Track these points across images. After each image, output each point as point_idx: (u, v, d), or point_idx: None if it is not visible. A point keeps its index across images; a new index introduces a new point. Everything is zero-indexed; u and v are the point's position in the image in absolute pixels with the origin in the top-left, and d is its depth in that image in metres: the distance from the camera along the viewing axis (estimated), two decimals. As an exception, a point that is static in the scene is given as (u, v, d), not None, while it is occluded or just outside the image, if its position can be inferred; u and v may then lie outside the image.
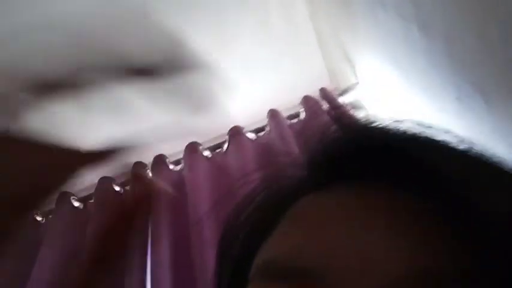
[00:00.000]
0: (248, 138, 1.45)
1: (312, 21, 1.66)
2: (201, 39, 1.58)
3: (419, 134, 0.35)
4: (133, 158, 1.44)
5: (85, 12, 1.47)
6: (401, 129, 0.36)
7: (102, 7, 1.48)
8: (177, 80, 1.55)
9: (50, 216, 1.43)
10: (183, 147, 1.45)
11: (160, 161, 1.43)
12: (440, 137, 0.35)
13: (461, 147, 0.34)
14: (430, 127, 0.36)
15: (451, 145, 0.34)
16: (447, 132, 0.35)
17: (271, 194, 0.42)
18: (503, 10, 0.66)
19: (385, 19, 1.06)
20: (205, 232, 1.16)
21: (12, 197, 0.66)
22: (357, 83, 1.49)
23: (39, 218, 1.44)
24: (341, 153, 0.37)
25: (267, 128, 1.47)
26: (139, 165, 1.42)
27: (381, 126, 0.37)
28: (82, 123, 1.63)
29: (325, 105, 1.44)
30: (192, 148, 1.43)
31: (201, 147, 1.45)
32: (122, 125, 1.63)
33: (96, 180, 1.43)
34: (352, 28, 1.35)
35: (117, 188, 1.45)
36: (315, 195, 0.37)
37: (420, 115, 1.10)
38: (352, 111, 1.38)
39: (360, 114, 1.40)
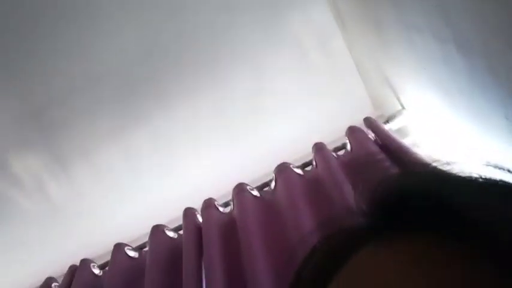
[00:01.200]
0: (295, 173, 1.44)
1: (349, 51, 1.66)
2: (240, 80, 1.61)
3: (481, 180, 0.34)
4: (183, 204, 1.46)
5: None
6: (460, 173, 0.35)
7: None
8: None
9: (107, 268, 1.45)
10: (230, 189, 1.45)
11: (209, 204, 1.43)
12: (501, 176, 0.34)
13: None
14: (496, 167, 0.35)
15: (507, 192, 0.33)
16: (501, 168, 0.35)
17: (330, 250, 0.42)
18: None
19: (421, 43, 1.04)
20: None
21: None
22: (402, 109, 1.46)
23: (96, 271, 1.47)
24: (400, 201, 0.36)
25: (314, 162, 1.46)
26: (189, 211, 1.43)
27: (438, 170, 0.37)
28: (131, 171, 1.68)
29: (371, 135, 1.42)
30: (240, 188, 1.44)
31: (248, 187, 1.45)
32: (169, 173, 1.68)
33: (147, 229, 1.46)
34: (390, 54, 1.34)
35: (170, 234, 1.46)
36: (375, 248, 0.36)
37: (468, 137, 1.06)
38: (399, 140, 1.34)
39: (407, 142, 1.37)
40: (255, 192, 1.46)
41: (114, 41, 1.49)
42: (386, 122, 1.47)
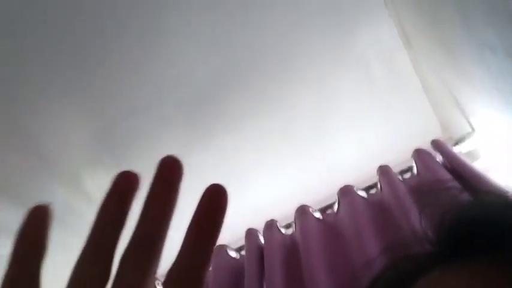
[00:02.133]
0: (359, 196, 1.42)
1: (415, 71, 1.62)
2: (306, 100, 1.61)
3: None
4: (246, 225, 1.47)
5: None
6: None
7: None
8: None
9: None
10: (293, 211, 1.44)
11: (271, 225, 1.43)
12: None
13: None
14: None
15: None
16: None
17: (396, 277, 0.42)
18: None
19: (495, 62, 1.00)
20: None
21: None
22: (472, 131, 1.41)
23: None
24: (468, 230, 0.37)
25: (379, 185, 1.42)
26: (251, 232, 1.43)
27: (505, 203, 0.38)
28: (195, 190, 1.70)
29: (439, 158, 1.37)
30: (303, 210, 1.43)
31: (311, 209, 1.43)
32: (234, 193, 1.68)
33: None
34: (460, 74, 1.30)
35: (232, 254, 1.47)
36: (441, 275, 0.36)
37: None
38: (469, 164, 1.29)
39: (477, 165, 1.31)
40: (318, 215, 1.44)
41: (182, 59, 1.52)
42: (456, 144, 1.42)
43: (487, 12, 0.91)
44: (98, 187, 1.64)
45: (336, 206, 1.44)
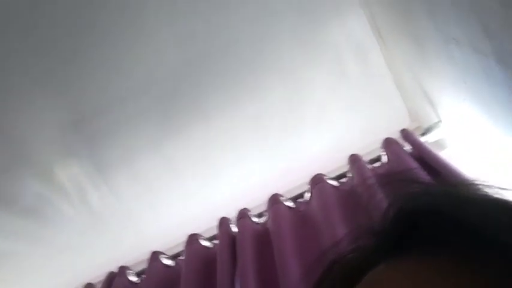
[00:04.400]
0: (330, 185, 1.44)
1: (387, 63, 1.65)
2: (278, 91, 1.62)
3: (494, 202, 0.34)
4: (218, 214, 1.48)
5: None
6: (474, 198, 0.35)
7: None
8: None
9: (144, 276, 1.48)
10: (265, 199, 1.46)
11: (244, 214, 1.45)
12: None
13: None
14: None
15: None
16: None
17: (342, 270, 0.41)
18: None
19: (460, 55, 1.03)
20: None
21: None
22: (439, 121, 1.44)
23: (134, 279, 1.50)
24: (410, 220, 0.36)
25: (349, 174, 1.45)
26: (224, 221, 1.45)
27: (455, 194, 0.37)
28: (170, 181, 1.71)
29: (407, 147, 1.40)
30: (275, 199, 1.44)
31: (282, 198, 1.45)
32: (207, 182, 1.70)
33: (183, 238, 1.48)
34: (429, 66, 1.33)
35: (205, 243, 1.48)
36: (385, 269, 0.36)
37: (507, 151, 1.04)
38: (435, 153, 1.32)
39: (443, 155, 1.35)
40: (289, 203, 1.46)
41: (157, 51, 1.52)
42: (423, 134, 1.45)
43: (452, 8, 0.94)
44: (71, 179, 1.63)
45: (307, 195, 1.46)
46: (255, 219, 1.46)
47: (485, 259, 0.29)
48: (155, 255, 1.48)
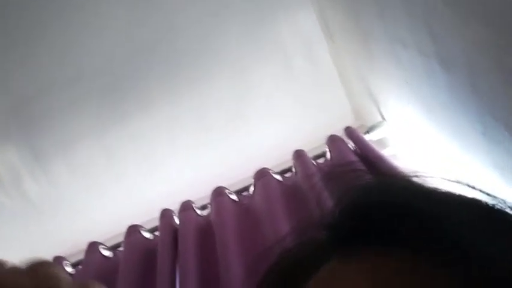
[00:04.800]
0: (275, 179, 1.44)
1: (334, 60, 1.67)
2: (223, 83, 1.61)
3: (446, 196, 0.33)
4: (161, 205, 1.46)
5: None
6: (427, 190, 0.35)
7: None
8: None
9: (80, 267, 1.43)
10: (210, 192, 1.45)
11: (187, 206, 1.43)
12: (468, 194, 0.33)
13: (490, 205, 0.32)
14: (459, 182, 0.35)
15: (478, 208, 0.32)
16: (473, 188, 0.34)
17: (287, 266, 0.40)
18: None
19: (406, 57, 1.06)
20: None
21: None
22: (382, 120, 1.48)
23: (68, 270, 1.45)
24: (364, 213, 0.34)
25: (293, 169, 1.46)
26: (166, 212, 1.42)
27: (407, 187, 0.36)
28: (110, 170, 1.66)
29: (351, 144, 1.43)
30: (219, 192, 1.43)
31: (227, 191, 1.44)
32: (148, 173, 1.66)
33: (123, 229, 1.44)
34: (374, 66, 1.35)
35: (146, 235, 1.45)
36: (339, 264, 0.34)
37: (446, 151, 1.08)
38: (378, 151, 1.36)
39: (386, 153, 1.38)
40: (234, 196, 1.46)
41: (100, 38, 1.48)
42: (367, 132, 1.48)
43: (401, 10, 0.96)
44: (6, 165, 1.56)
45: (251, 188, 1.46)
46: (198, 212, 1.45)
47: (447, 257, 0.28)
48: (93, 246, 1.44)
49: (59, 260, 1.46)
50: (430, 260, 0.29)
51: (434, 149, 1.15)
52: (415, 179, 0.36)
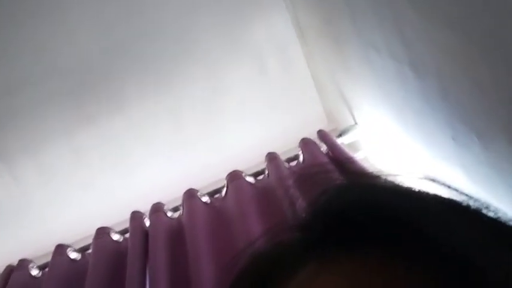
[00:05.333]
0: (247, 182, 1.44)
1: (308, 65, 1.68)
2: (197, 84, 1.60)
3: (423, 196, 0.33)
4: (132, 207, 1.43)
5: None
6: (404, 190, 0.34)
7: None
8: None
9: (47, 270, 1.40)
10: (181, 194, 1.43)
11: (158, 208, 1.41)
12: (442, 192, 0.33)
13: (466, 204, 0.32)
14: (434, 180, 0.34)
15: (456, 208, 0.32)
16: (449, 186, 0.34)
17: (259, 271, 0.37)
18: (492, 50, 0.66)
19: (378, 61, 1.07)
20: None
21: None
22: (355, 124, 1.49)
23: (34, 272, 1.41)
24: (340, 214, 0.33)
25: (266, 172, 1.46)
26: (136, 214, 1.40)
27: (383, 187, 0.35)
28: (79, 171, 1.63)
29: (323, 147, 1.43)
30: (190, 194, 1.42)
31: (199, 193, 1.43)
32: (119, 175, 1.64)
33: (92, 232, 1.41)
34: (347, 70, 1.36)
35: (115, 237, 1.43)
36: (316, 268, 0.33)
37: (416, 155, 1.09)
38: (350, 154, 1.37)
39: (358, 156, 1.39)
40: (205, 199, 1.45)
41: (73, 38, 1.45)
42: (339, 135, 1.49)
43: (373, 14, 0.96)
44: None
45: (224, 191, 1.45)
46: (169, 214, 1.43)
47: (426, 258, 0.28)
48: (60, 249, 1.41)
49: (24, 262, 1.42)
50: (409, 262, 0.29)
51: (405, 153, 1.16)
52: (389, 179, 0.35)
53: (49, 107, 1.53)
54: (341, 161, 1.31)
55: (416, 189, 0.33)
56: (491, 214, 0.31)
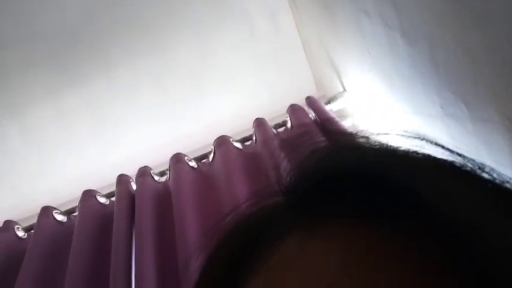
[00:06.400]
0: (234, 147, 1.44)
1: (298, 30, 1.65)
2: (183, 48, 1.58)
3: (419, 158, 0.31)
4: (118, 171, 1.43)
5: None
6: (391, 150, 0.32)
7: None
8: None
9: (32, 231, 1.40)
10: (168, 158, 1.43)
11: (144, 172, 1.41)
12: (430, 151, 0.31)
13: (452, 163, 0.30)
14: (424, 139, 0.32)
15: (442, 167, 0.30)
16: (437, 144, 0.32)
17: (243, 236, 0.36)
18: (485, 19, 0.66)
19: (369, 27, 1.06)
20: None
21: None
22: (344, 91, 1.48)
23: (20, 234, 1.41)
24: (331, 183, 0.31)
25: (254, 137, 1.46)
26: (123, 178, 1.40)
27: (367, 147, 0.32)
28: (64, 133, 1.61)
29: (311, 114, 1.43)
30: (178, 158, 1.42)
31: (186, 158, 1.43)
32: (106, 138, 1.62)
33: (79, 193, 1.41)
34: (337, 36, 1.35)
35: (102, 200, 1.43)
36: (304, 237, 0.31)
37: (405, 123, 1.09)
38: (338, 121, 1.37)
39: (346, 123, 1.39)
40: (193, 163, 1.44)
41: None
42: (328, 102, 1.48)
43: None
44: None
45: (211, 156, 1.45)
46: (156, 178, 1.43)
47: (427, 229, 0.26)
48: (46, 211, 1.40)
49: (10, 224, 1.42)
50: (398, 225, 0.27)
51: (393, 119, 1.16)
52: (377, 139, 0.33)
53: (32, 68, 1.51)
54: (329, 129, 1.31)
55: (405, 148, 0.31)
56: (485, 175, 0.29)
